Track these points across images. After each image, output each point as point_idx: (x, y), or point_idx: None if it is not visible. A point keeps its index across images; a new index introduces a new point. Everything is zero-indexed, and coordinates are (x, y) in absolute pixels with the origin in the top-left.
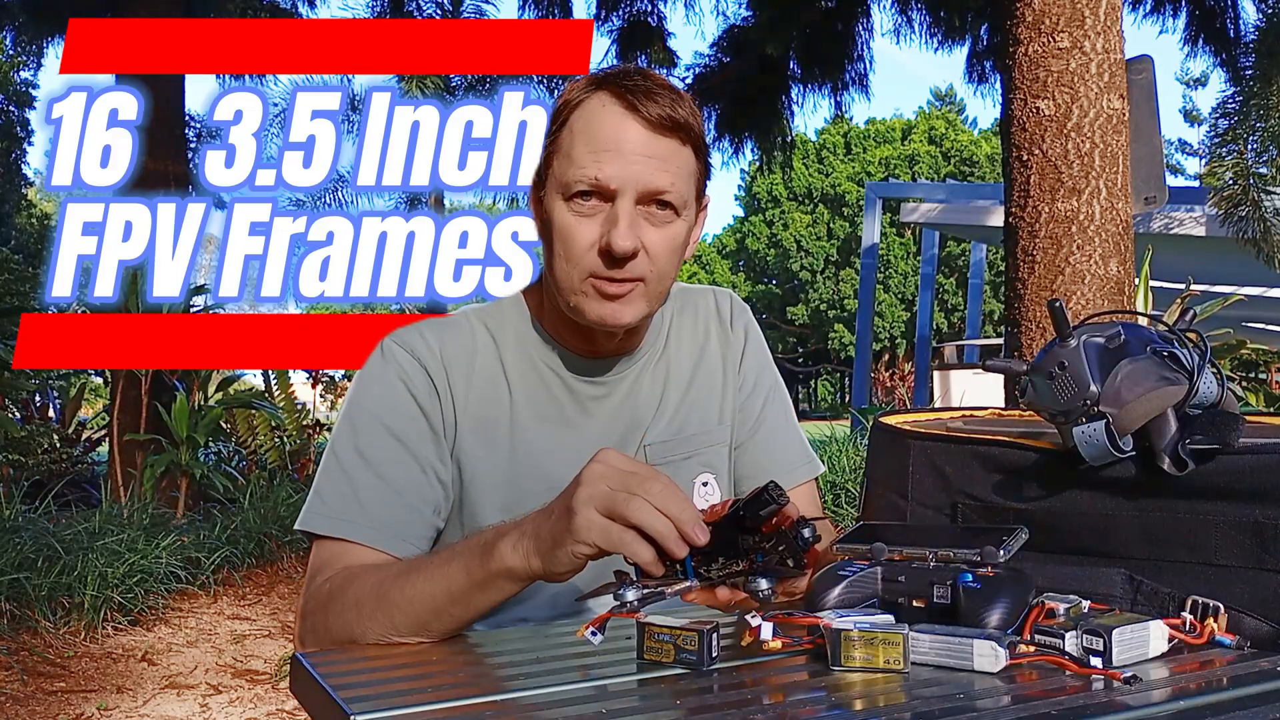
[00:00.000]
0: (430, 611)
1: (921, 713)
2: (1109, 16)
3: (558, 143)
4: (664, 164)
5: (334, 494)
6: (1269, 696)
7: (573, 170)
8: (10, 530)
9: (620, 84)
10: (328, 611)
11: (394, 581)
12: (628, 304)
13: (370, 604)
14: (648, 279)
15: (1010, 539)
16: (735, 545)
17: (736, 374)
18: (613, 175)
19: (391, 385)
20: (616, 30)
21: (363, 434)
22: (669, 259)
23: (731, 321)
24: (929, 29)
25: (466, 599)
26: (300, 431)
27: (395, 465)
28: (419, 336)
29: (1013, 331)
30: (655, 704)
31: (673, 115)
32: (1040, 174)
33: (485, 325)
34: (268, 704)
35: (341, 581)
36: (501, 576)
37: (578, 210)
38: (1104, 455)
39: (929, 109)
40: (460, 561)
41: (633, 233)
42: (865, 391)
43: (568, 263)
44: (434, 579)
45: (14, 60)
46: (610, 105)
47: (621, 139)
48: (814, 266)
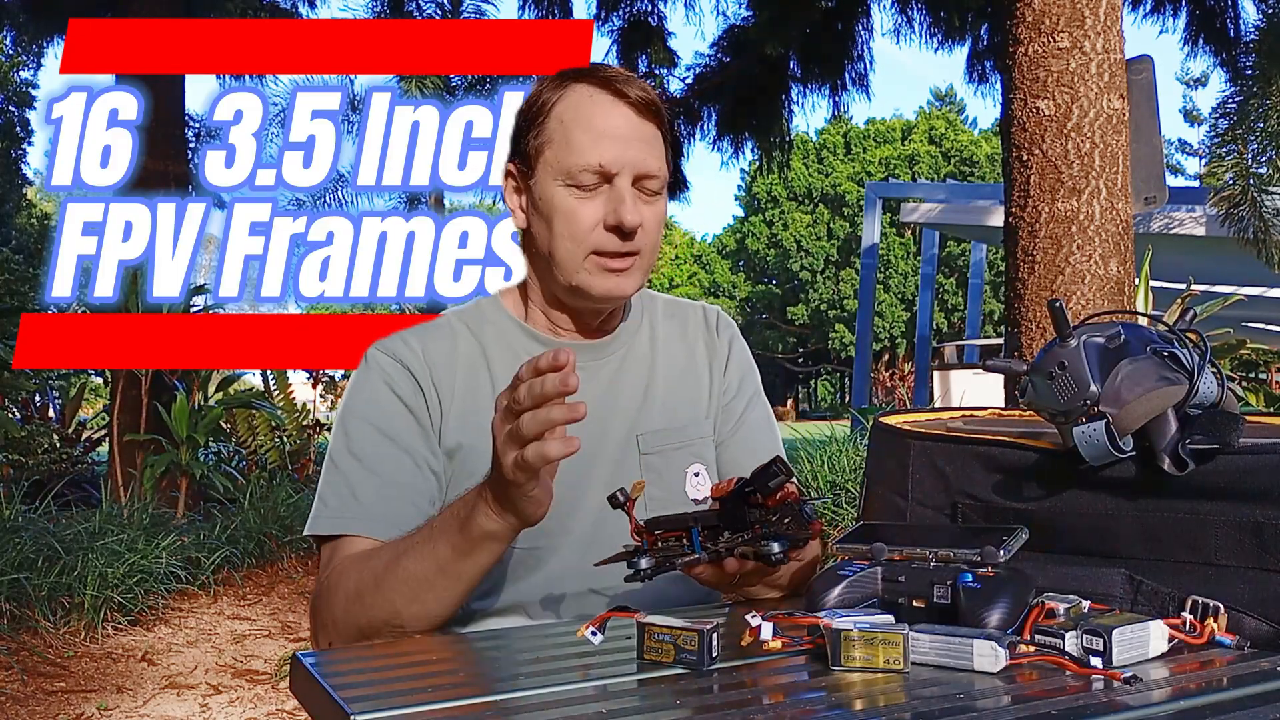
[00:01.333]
0: (425, 588)
1: (921, 713)
2: (1109, 16)
3: (545, 133)
4: (651, 146)
5: (333, 496)
6: (1269, 696)
7: (573, 156)
8: (10, 530)
9: (600, 75)
10: (333, 604)
11: (386, 568)
12: (629, 276)
13: (369, 592)
14: (644, 252)
15: (1010, 539)
16: (742, 519)
17: (722, 377)
18: (614, 159)
19: (377, 388)
20: (616, 30)
21: (354, 437)
22: (658, 233)
23: (718, 332)
24: (929, 29)
25: (455, 569)
26: (300, 431)
27: (387, 461)
28: (402, 342)
29: (1013, 331)
30: (655, 704)
31: (652, 99)
32: (1040, 174)
33: (465, 324)
34: (268, 704)
35: (338, 576)
36: (484, 540)
37: (579, 193)
38: (1104, 455)
39: (929, 109)
40: (443, 538)
41: (638, 209)
42: (865, 391)
43: (572, 241)
44: (422, 557)
45: (14, 60)
46: (598, 94)
47: (616, 124)
48: (814, 266)
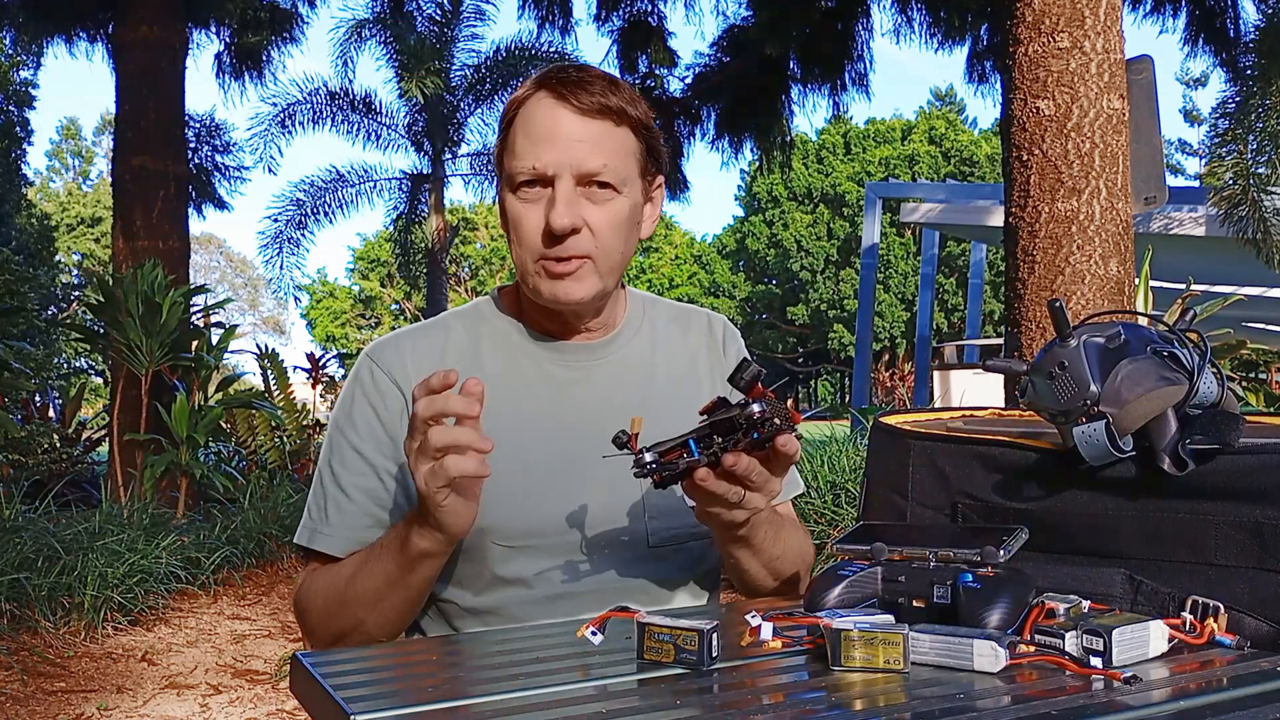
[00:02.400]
0: (380, 599)
1: (921, 713)
2: (1109, 16)
3: (506, 140)
4: (596, 145)
5: (314, 507)
6: (1269, 696)
7: (515, 162)
8: (10, 530)
9: (555, 79)
10: (309, 616)
11: (346, 584)
12: (577, 280)
13: (336, 607)
14: (594, 255)
15: (1010, 539)
16: (731, 423)
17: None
18: (549, 161)
19: (357, 402)
20: (616, 30)
21: (333, 449)
22: (613, 234)
23: (724, 344)
24: (929, 29)
25: (403, 582)
26: (300, 431)
27: (356, 477)
28: (394, 347)
29: (1013, 331)
30: (655, 704)
31: (604, 101)
32: (1040, 174)
33: (461, 323)
34: (268, 704)
35: (309, 591)
36: (421, 557)
37: (524, 198)
38: (1104, 455)
39: (929, 109)
40: (387, 555)
41: (571, 210)
42: (865, 391)
43: (520, 247)
44: (373, 574)
45: (14, 60)
46: (544, 99)
47: (554, 128)
48: (814, 266)
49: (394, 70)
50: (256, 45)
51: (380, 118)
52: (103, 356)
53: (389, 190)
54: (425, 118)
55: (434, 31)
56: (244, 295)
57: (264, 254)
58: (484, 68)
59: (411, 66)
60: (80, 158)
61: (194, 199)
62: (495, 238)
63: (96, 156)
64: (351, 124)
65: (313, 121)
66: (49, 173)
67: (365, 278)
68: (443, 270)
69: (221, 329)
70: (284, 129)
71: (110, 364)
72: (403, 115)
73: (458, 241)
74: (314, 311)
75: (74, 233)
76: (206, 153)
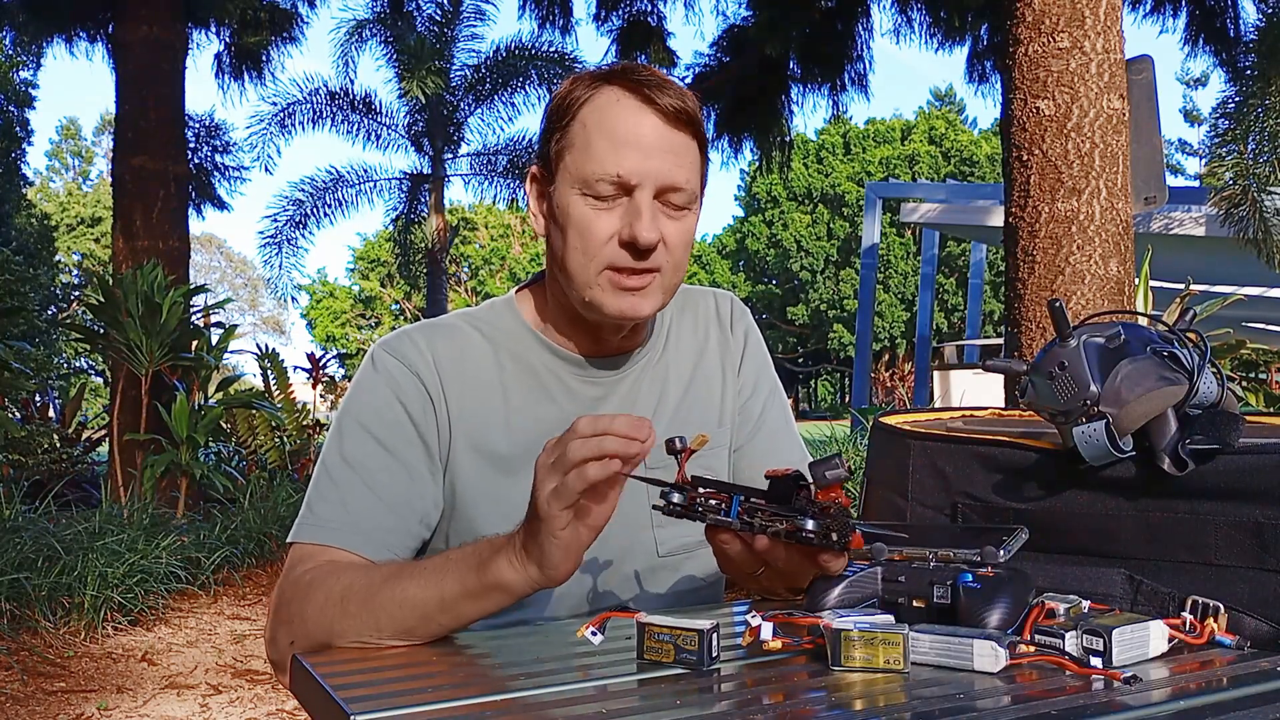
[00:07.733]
0: (418, 617)
1: (921, 713)
2: (1109, 16)
3: (568, 136)
4: (680, 159)
5: (321, 503)
6: (1269, 696)
7: (592, 165)
8: (10, 530)
9: (631, 78)
10: (307, 601)
11: (384, 584)
12: (646, 296)
13: (357, 602)
14: (664, 270)
15: (1010, 539)
16: (788, 501)
17: (736, 377)
18: (634, 170)
19: (381, 394)
20: (616, 30)
21: (351, 443)
22: (683, 251)
23: (732, 325)
24: (929, 29)
25: (456, 608)
26: (300, 431)
27: (382, 474)
28: (410, 342)
29: (1013, 331)
30: (655, 704)
31: (685, 108)
32: (1040, 174)
33: (478, 330)
34: (268, 704)
35: (324, 574)
36: (496, 589)
37: (595, 203)
38: (1104, 455)
39: (929, 109)
40: (455, 571)
41: (655, 225)
42: (865, 391)
43: (585, 255)
44: (426, 585)
45: (14, 60)
46: (625, 99)
47: (640, 133)
48: (814, 266)
49: (394, 70)
50: (256, 45)
51: (380, 118)
52: (103, 356)
53: (389, 190)
54: (425, 118)
55: (434, 31)
56: (244, 295)
57: (264, 254)
58: (484, 68)
59: (411, 66)
60: (80, 158)
61: (194, 199)
62: (495, 238)
63: (96, 156)
64: (351, 124)
65: (312, 121)
66: (49, 173)
67: (365, 278)
68: (443, 270)
69: (221, 329)
70: (284, 129)
71: (110, 364)
72: (403, 115)
73: (458, 241)
74: (314, 311)
75: (74, 233)
76: (206, 153)
